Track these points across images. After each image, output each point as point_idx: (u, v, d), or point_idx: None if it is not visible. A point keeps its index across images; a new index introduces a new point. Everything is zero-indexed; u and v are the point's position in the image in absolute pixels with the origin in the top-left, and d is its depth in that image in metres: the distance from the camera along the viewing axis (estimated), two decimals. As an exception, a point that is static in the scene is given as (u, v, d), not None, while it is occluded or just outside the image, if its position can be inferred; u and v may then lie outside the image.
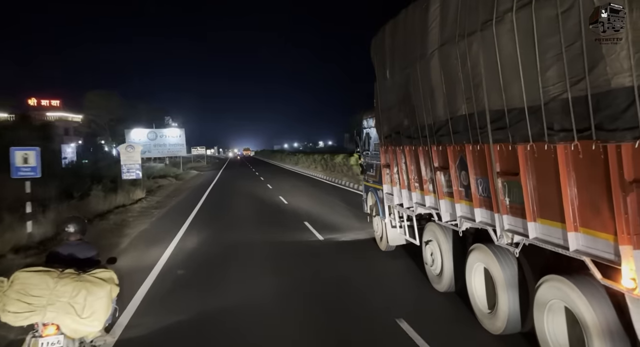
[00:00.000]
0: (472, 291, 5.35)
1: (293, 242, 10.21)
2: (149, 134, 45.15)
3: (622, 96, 2.85)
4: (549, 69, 3.45)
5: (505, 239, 4.49)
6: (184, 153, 48.06)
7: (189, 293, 6.86)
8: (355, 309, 5.94)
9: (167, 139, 46.16)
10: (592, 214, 3.37)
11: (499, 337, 4.81)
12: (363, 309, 5.93)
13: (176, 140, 46.61)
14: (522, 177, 4.04)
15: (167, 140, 46.06)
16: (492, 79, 4.20)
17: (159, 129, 47.28)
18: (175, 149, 46.45)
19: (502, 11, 3.93)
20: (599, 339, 3.37)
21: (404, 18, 6.32)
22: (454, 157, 5.33)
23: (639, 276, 2.97)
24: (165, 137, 46.29)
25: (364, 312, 5.81)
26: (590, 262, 3.38)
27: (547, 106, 3.51)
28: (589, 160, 3.31)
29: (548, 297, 3.94)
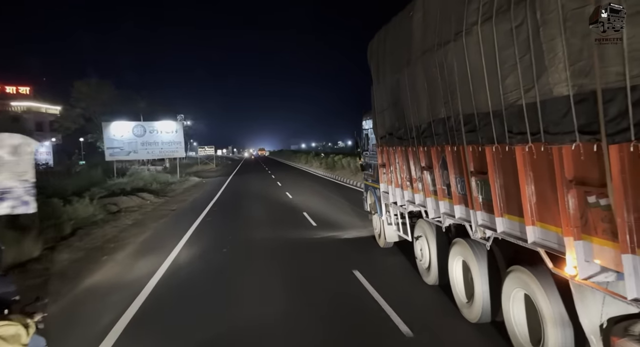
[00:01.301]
0: (453, 282, 5.71)
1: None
2: (135, 128, 33.41)
3: (561, 103, 3.19)
4: (507, 77, 3.80)
5: (479, 233, 4.83)
6: (181, 153, 36.47)
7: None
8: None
9: (160, 136, 34.16)
10: (545, 210, 3.71)
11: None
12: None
13: (171, 136, 34.54)
14: (490, 176, 4.39)
15: (160, 137, 34.14)
16: (463, 85, 4.55)
17: (148, 122, 35.05)
18: (170, 149, 34.67)
19: (470, 24, 4.29)
20: (551, 322, 3.72)
21: (394, 25, 6.69)
22: (437, 158, 5.69)
23: (579, 264, 3.30)
24: (156, 134, 34.15)
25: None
26: (544, 253, 3.72)
27: (507, 111, 3.86)
28: (540, 161, 3.65)
29: (512, 287, 4.30)
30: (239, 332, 5.40)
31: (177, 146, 35.20)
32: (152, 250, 9.91)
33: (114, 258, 9.32)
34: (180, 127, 36.17)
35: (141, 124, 34.66)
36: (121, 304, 6.31)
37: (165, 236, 11.67)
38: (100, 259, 9.18)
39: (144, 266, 8.55)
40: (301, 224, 12.33)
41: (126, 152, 33.14)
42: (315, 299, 6.45)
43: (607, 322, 3.31)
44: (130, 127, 33.84)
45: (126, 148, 32.90)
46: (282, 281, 7.42)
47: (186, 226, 12.75)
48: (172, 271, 8.12)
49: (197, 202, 19.24)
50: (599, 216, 3.11)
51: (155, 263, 8.58)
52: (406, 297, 6.34)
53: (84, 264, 8.82)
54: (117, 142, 32.79)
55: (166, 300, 6.61)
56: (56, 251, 9.67)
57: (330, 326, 5.46)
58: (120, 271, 8.31)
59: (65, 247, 10.14)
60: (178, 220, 14.41)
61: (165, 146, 34.55)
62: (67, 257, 9.32)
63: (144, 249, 10.11)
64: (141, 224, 13.58)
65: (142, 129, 34.04)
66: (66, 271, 8.31)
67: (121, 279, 7.72)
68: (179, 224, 13.24)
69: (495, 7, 3.85)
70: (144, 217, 15.06)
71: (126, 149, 32.91)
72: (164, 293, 6.89)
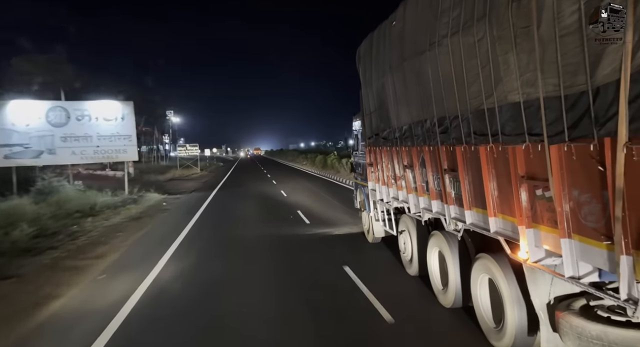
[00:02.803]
0: (431, 271, 6.19)
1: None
2: (50, 112, 19.93)
3: (514, 109, 3.67)
4: (472, 85, 4.27)
5: (452, 225, 5.31)
6: (132, 154, 21.77)
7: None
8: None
9: (94, 125, 20.52)
10: (504, 202, 4.18)
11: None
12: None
13: (114, 126, 20.85)
14: (460, 173, 4.86)
15: (94, 126, 20.52)
16: (437, 91, 5.03)
17: (74, 103, 21.24)
18: (112, 147, 20.80)
19: (441, 36, 4.76)
20: (510, 302, 4.19)
21: (379, 33, 7.17)
22: (417, 157, 6.15)
23: (530, 249, 3.78)
24: (89, 121, 20.42)
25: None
26: (503, 240, 4.19)
27: (472, 115, 4.34)
28: (499, 159, 4.12)
29: (479, 273, 4.78)
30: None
31: (124, 143, 20.67)
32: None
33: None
34: (130, 111, 21.00)
35: (61, 105, 20.31)
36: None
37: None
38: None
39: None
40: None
41: (35, 153, 19.25)
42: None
43: (554, 300, 3.78)
44: (43, 111, 19.72)
45: (34, 145, 19.22)
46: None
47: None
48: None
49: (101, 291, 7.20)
50: (545, 206, 3.58)
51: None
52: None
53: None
54: (17, 135, 18.91)
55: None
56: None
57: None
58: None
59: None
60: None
61: (104, 142, 20.44)
62: None
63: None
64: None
65: (62, 114, 19.89)
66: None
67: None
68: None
69: (462, 22, 4.33)
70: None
71: (35, 146, 19.22)
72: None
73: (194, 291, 7.03)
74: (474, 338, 4.82)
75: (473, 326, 5.01)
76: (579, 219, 3.24)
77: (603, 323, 3.23)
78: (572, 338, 3.37)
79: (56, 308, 6.31)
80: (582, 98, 2.97)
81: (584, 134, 2.98)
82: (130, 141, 21.19)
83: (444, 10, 4.68)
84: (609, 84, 2.74)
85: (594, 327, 3.22)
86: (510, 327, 4.21)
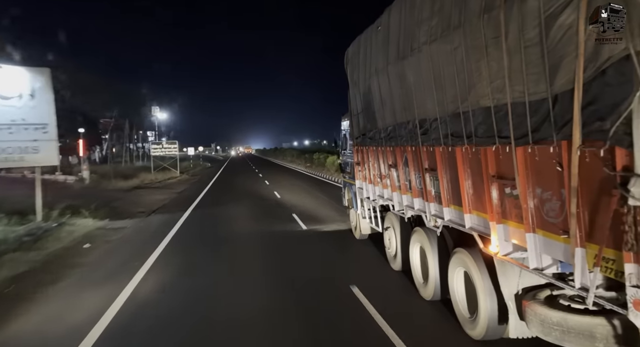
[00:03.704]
0: (413, 266, 6.48)
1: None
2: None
3: (485, 113, 3.95)
4: (449, 90, 4.55)
5: (432, 222, 5.59)
6: (49, 158, 12.78)
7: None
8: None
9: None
10: (477, 200, 4.47)
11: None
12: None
13: (18, 110, 11.94)
14: (439, 173, 5.14)
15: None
16: (418, 94, 5.31)
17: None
18: (17, 143, 11.95)
19: (422, 43, 5.04)
20: (482, 293, 4.48)
21: (365, 37, 7.44)
22: (401, 157, 6.43)
23: (500, 243, 4.07)
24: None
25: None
26: (476, 235, 4.48)
27: (449, 118, 4.62)
28: (473, 160, 4.41)
29: (455, 266, 5.07)
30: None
31: (34, 136, 12.30)
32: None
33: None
34: (45, 84, 12.56)
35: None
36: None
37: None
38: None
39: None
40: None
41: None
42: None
43: (522, 291, 4.07)
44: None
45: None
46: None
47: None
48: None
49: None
50: (512, 203, 3.87)
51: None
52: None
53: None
54: None
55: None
56: None
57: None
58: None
59: None
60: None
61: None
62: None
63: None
64: None
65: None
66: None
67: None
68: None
69: (440, 31, 4.60)
70: None
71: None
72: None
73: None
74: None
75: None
76: (541, 215, 3.52)
77: (563, 311, 3.51)
78: (536, 325, 3.65)
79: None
80: (543, 104, 3.25)
81: (545, 137, 3.27)
82: (46, 133, 12.43)
83: (424, 19, 4.96)
84: (565, 92, 3.02)
85: (555, 314, 3.51)
86: (483, 316, 4.50)
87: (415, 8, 5.24)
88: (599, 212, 2.93)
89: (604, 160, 2.81)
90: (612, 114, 2.66)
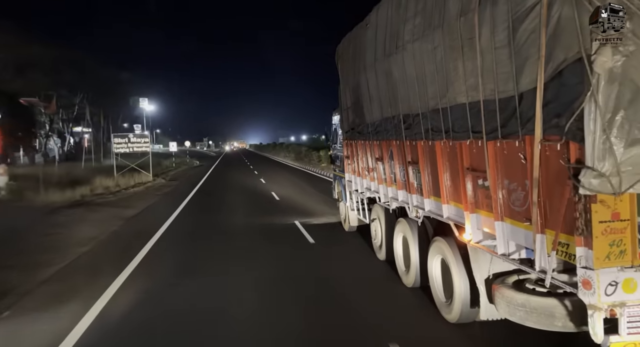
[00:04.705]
0: (396, 255, 6.77)
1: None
2: None
3: (461, 109, 4.21)
4: (430, 86, 4.81)
5: (414, 212, 5.87)
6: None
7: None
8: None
9: None
10: (454, 191, 4.74)
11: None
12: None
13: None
14: (421, 165, 5.40)
15: None
16: (402, 90, 5.56)
17: None
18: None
19: (406, 41, 5.29)
20: (457, 279, 4.76)
21: (355, 33, 7.68)
22: (387, 150, 6.69)
23: (473, 231, 4.35)
24: None
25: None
26: (453, 225, 4.76)
27: (430, 113, 4.88)
28: (451, 153, 4.67)
29: (434, 254, 5.35)
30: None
31: None
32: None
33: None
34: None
35: None
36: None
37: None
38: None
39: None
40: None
41: None
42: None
43: (492, 276, 4.36)
44: None
45: None
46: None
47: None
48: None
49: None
50: (484, 194, 4.14)
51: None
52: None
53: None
54: None
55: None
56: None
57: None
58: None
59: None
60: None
61: None
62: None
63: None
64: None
65: None
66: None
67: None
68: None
69: (422, 30, 4.85)
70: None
71: None
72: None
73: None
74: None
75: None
76: (509, 204, 3.80)
77: (527, 293, 3.80)
78: (503, 306, 3.94)
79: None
80: (511, 102, 3.52)
81: (512, 132, 3.53)
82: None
83: (409, 18, 5.20)
84: (529, 91, 3.28)
85: (519, 296, 3.79)
86: (457, 301, 4.79)
87: (401, 7, 5.47)
88: (556, 201, 3.21)
89: (561, 154, 3.08)
90: (567, 111, 2.93)
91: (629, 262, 2.97)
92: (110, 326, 5.29)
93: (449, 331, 4.92)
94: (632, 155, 2.80)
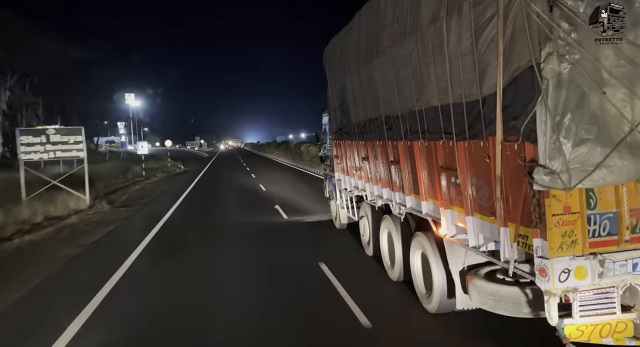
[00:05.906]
0: (382, 251, 7.04)
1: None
2: None
3: (434, 112, 4.48)
4: (407, 90, 5.08)
5: (397, 209, 6.13)
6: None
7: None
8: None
9: None
10: (431, 189, 5.01)
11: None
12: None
13: None
14: (402, 165, 5.67)
15: None
16: (383, 93, 5.83)
17: None
18: None
19: (385, 46, 5.55)
20: (435, 271, 5.04)
21: (341, 37, 7.95)
22: (372, 150, 6.95)
23: (448, 226, 4.62)
24: None
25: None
26: (430, 220, 5.03)
27: (408, 115, 5.14)
28: (427, 153, 4.94)
29: (415, 248, 5.63)
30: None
31: None
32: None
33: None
34: None
35: None
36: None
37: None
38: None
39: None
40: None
41: None
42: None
43: (467, 268, 4.63)
44: None
45: None
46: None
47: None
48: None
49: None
50: (456, 191, 4.41)
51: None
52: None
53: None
54: None
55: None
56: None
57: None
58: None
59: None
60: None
61: None
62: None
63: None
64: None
65: None
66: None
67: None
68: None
69: (398, 36, 5.12)
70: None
71: None
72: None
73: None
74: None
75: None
76: (477, 200, 4.07)
77: (497, 283, 4.07)
78: (475, 295, 4.21)
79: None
80: (476, 105, 3.79)
81: (478, 133, 3.81)
82: None
83: (387, 24, 5.47)
84: (491, 95, 3.55)
85: (489, 286, 4.07)
86: (436, 292, 5.06)
87: (380, 13, 5.74)
88: (516, 197, 3.48)
89: (518, 153, 3.35)
90: (522, 114, 3.20)
91: (580, 251, 3.25)
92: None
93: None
94: (579, 153, 3.08)
